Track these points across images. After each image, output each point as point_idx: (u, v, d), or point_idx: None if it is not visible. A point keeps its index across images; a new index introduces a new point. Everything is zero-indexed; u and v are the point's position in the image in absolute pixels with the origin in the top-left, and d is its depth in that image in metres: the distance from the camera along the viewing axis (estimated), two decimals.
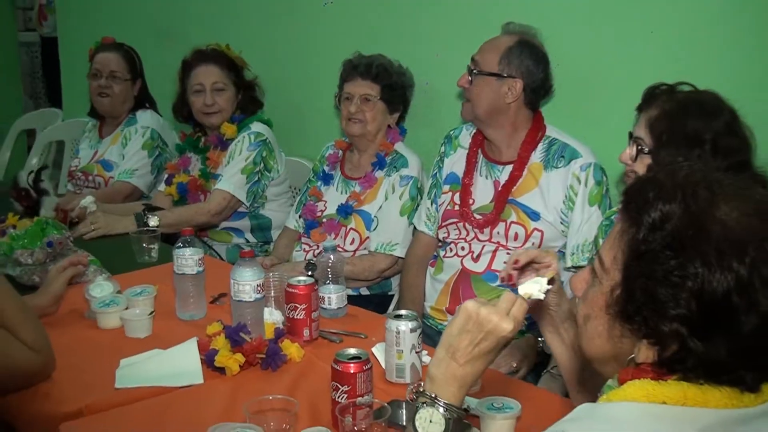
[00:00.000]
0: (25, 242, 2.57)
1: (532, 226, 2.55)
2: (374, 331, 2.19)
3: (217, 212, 3.28)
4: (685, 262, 1.09)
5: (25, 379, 1.90)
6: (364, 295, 2.97)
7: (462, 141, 2.79)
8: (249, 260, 2.14)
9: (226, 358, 1.97)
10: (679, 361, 1.12)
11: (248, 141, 3.31)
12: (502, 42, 2.61)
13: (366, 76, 3.00)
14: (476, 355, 1.31)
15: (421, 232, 2.84)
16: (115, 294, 2.32)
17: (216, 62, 3.36)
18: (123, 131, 3.76)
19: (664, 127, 1.96)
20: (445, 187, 2.78)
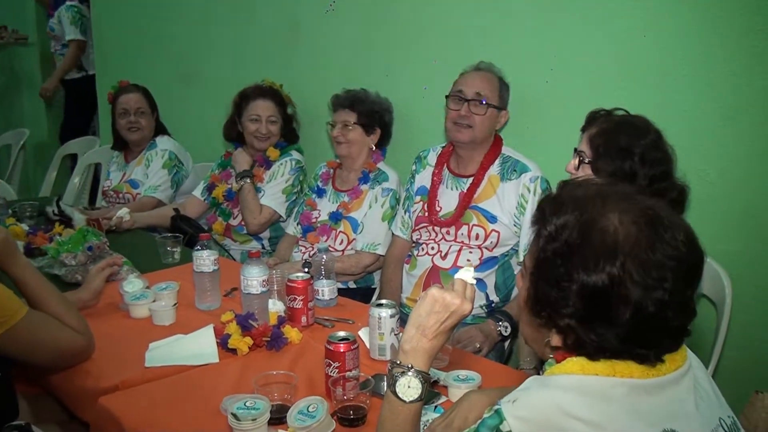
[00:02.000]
0: (69, 247, 2.55)
1: (490, 228, 2.56)
2: (360, 317, 2.20)
3: (262, 224, 3.30)
4: (570, 268, 1.12)
5: (72, 358, 1.90)
6: (352, 288, 2.97)
7: (430, 160, 2.80)
8: (256, 260, 2.14)
9: (238, 341, 1.97)
10: (580, 347, 1.15)
11: (290, 166, 3.33)
12: (491, 78, 2.63)
13: (345, 105, 3.03)
14: (441, 331, 1.34)
15: (397, 237, 2.85)
16: (145, 289, 2.31)
17: (272, 98, 3.38)
18: (146, 155, 3.76)
19: (601, 141, 2.00)
20: (416, 198, 2.78)
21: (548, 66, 2.74)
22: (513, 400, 1.15)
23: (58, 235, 2.83)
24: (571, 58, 2.70)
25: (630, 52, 2.54)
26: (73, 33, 5.49)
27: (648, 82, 2.50)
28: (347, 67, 3.45)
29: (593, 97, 2.51)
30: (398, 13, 3.24)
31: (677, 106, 2.43)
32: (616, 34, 2.57)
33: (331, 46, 3.54)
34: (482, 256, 2.59)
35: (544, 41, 2.77)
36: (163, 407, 1.71)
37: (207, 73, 4.24)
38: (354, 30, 3.42)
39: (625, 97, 2.39)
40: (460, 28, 3.03)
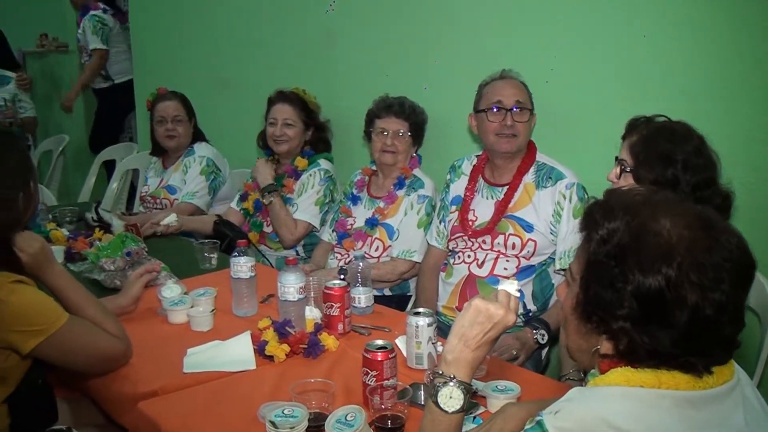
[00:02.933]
0: (109, 252, 2.58)
1: (527, 237, 2.53)
2: (396, 325, 2.19)
3: (299, 237, 3.29)
4: (625, 269, 1.11)
5: (111, 363, 1.92)
6: (387, 296, 2.96)
7: (464, 169, 2.79)
8: (293, 267, 2.14)
9: (275, 348, 1.97)
10: (631, 352, 1.13)
11: (319, 177, 3.32)
12: (521, 85, 2.63)
13: (399, 114, 3.01)
14: (484, 342, 1.33)
15: (433, 246, 2.84)
16: (183, 295, 2.32)
17: (291, 102, 3.38)
18: (183, 161, 3.78)
19: (642, 149, 1.97)
20: (452, 207, 2.77)
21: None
22: (555, 411, 1.13)
23: (97, 240, 2.87)
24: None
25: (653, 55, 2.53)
26: (95, 42, 5.52)
27: (686, 91, 2.46)
28: (382, 75, 3.44)
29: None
30: (428, 18, 3.25)
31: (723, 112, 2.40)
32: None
33: (366, 54, 3.54)
34: (519, 265, 2.56)
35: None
36: (201, 413, 1.72)
37: (243, 79, 4.27)
38: (389, 36, 3.42)
39: (658, 103, 2.36)
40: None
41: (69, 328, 1.77)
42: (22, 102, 5.24)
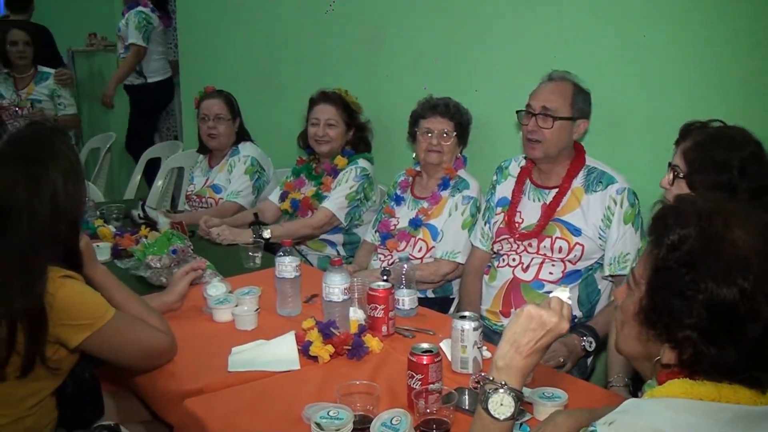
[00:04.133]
0: (155, 249, 2.60)
1: (574, 241, 2.50)
2: (441, 328, 2.17)
3: (318, 226, 3.31)
4: (697, 278, 1.08)
5: (157, 358, 1.94)
6: (430, 298, 2.94)
7: (511, 171, 2.76)
8: (338, 267, 2.14)
9: (319, 348, 1.97)
10: (695, 363, 1.10)
11: (355, 173, 3.34)
12: (564, 88, 2.55)
13: (444, 114, 2.99)
14: (536, 349, 1.31)
15: (477, 248, 2.82)
16: (228, 293, 2.33)
17: (333, 102, 3.40)
18: (228, 160, 3.80)
19: (696, 155, 1.92)
20: (497, 209, 2.74)
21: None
22: (610, 423, 1.10)
23: (143, 237, 2.90)
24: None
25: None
26: (134, 37, 5.53)
27: (739, 92, 2.41)
28: (429, 75, 3.43)
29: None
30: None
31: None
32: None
33: (412, 55, 3.53)
34: (565, 269, 2.53)
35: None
36: (246, 412, 1.73)
37: (288, 79, 4.29)
38: (436, 35, 3.40)
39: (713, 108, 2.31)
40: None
41: (116, 322, 1.79)
42: (62, 98, 5.13)
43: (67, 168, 1.75)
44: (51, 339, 1.73)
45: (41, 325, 1.70)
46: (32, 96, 4.98)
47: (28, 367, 1.73)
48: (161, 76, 5.71)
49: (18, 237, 1.69)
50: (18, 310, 1.67)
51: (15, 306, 1.67)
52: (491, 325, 2.61)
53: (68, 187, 1.75)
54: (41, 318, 1.69)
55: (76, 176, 1.77)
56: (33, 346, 1.70)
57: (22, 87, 5.01)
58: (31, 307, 1.68)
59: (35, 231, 1.70)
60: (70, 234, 1.79)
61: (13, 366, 1.71)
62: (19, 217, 1.69)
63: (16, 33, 4.98)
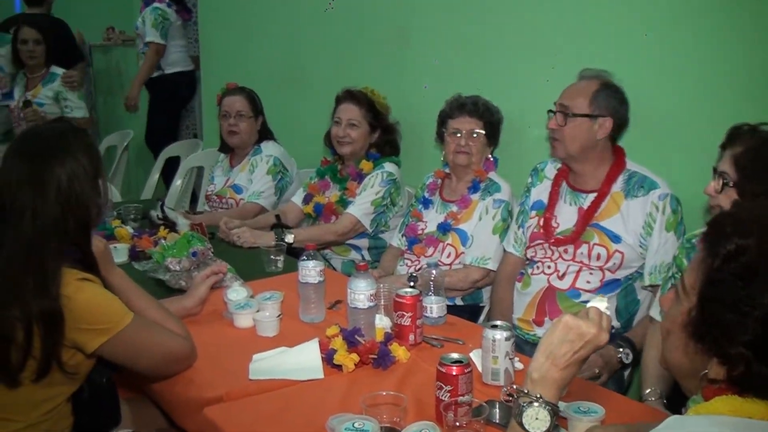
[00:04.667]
0: (174, 252, 2.63)
1: (613, 248, 2.48)
2: (470, 337, 2.17)
3: (343, 233, 3.33)
4: (754, 292, 1.06)
5: (176, 363, 1.96)
6: (459, 305, 2.94)
7: (547, 173, 2.75)
8: (364, 273, 2.14)
9: (344, 357, 1.98)
10: (746, 380, 1.08)
11: (381, 178, 3.35)
12: (587, 86, 2.55)
13: (473, 113, 2.99)
14: (574, 362, 1.31)
15: (509, 253, 2.81)
16: (249, 298, 2.34)
17: (357, 102, 3.41)
18: (250, 160, 3.83)
19: (748, 161, 1.89)
20: (532, 212, 2.74)
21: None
22: None
23: (162, 239, 2.93)
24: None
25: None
26: (152, 35, 5.55)
27: None
28: (460, 72, 3.43)
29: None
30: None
31: None
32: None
33: (442, 52, 3.53)
34: (603, 278, 2.51)
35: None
36: (267, 422, 1.74)
37: (314, 76, 4.31)
38: (466, 32, 3.41)
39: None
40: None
41: (135, 327, 1.82)
42: (68, 101, 5.00)
43: (74, 167, 1.78)
44: (68, 343, 1.76)
45: (58, 328, 1.73)
46: (37, 98, 4.93)
47: (43, 372, 1.75)
48: (180, 68, 5.71)
49: (24, 236, 1.74)
50: (34, 311, 1.70)
51: (31, 307, 1.70)
52: (523, 335, 2.61)
53: (74, 186, 1.78)
54: (58, 321, 1.72)
55: (85, 176, 1.80)
56: (49, 350, 1.73)
57: (31, 88, 5.00)
58: (48, 309, 1.71)
59: (40, 230, 1.74)
60: (79, 234, 1.81)
61: (28, 370, 1.74)
62: (23, 216, 1.74)
63: (26, 31, 4.96)
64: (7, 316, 1.70)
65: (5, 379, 1.74)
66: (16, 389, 1.76)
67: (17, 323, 1.70)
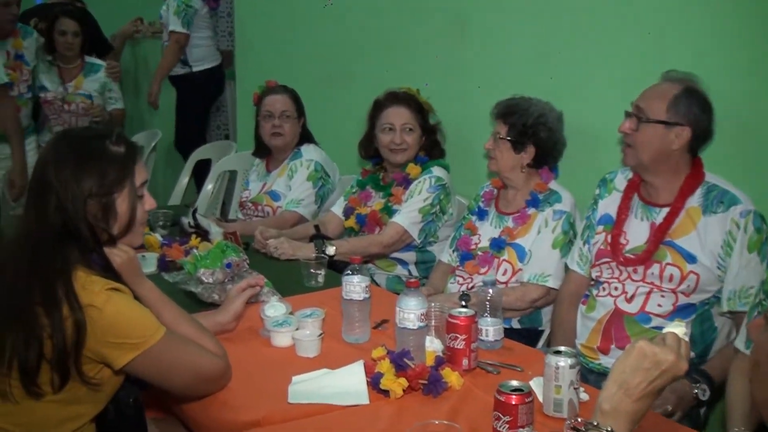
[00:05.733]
0: (208, 263, 2.67)
1: (687, 269, 2.46)
2: (530, 364, 2.17)
3: (389, 244, 3.34)
4: None
5: (209, 383, 1.99)
6: (515, 329, 2.93)
7: (617, 184, 2.74)
8: (414, 290, 2.15)
9: (391, 382, 1.99)
10: None
11: (429, 183, 3.36)
12: (667, 89, 2.52)
13: (499, 116, 3.03)
14: (648, 393, 1.31)
15: (573, 271, 2.81)
16: (288, 315, 2.37)
17: (407, 105, 3.43)
18: (289, 164, 3.86)
19: None
20: (598, 227, 2.73)
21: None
22: None
23: (194, 248, 2.97)
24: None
25: None
26: (174, 24, 5.60)
27: None
28: (521, 70, 3.44)
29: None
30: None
31: None
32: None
33: (503, 46, 3.54)
34: (676, 301, 2.49)
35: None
36: None
37: (357, 75, 4.34)
38: (531, 29, 3.42)
39: None
40: None
41: (167, 343, 1.86)
42: (112, 92, 5.28)
43: (66, 173, 1.86)
44: (94, 357, 1.81)
45: (79, 336, 1.76)
46: (81, 90, 5.11)
47: (62, 378, 1.79)
48: (209, 64, 5.78)
49: (29, 240, 1.85)
50: (55, 318, 1.75)
51: (49, 312, 1.76)
52: (587, 363, 2.60)
53: (69, 189, 1.85)
54: (80, 329, 1.76)
55: (74, 177, 1.86)
56: (65, 357, 1.77)
57: (69, 79, 5.13)
58: (68, 317, 1.76)
59: (44, 236, 1.84)
60: (95, 244, 1.89)
61: (45, 377, 1.78)
62: (29, 221, 1.88)
63: (66, 22, 5.12)
64: (26, 318, 1.77)
65: (26, 385, 1.78)
66: (38, 401, 1.80)
67: (34, 325, 1.76)
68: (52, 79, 5.14)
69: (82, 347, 1.78)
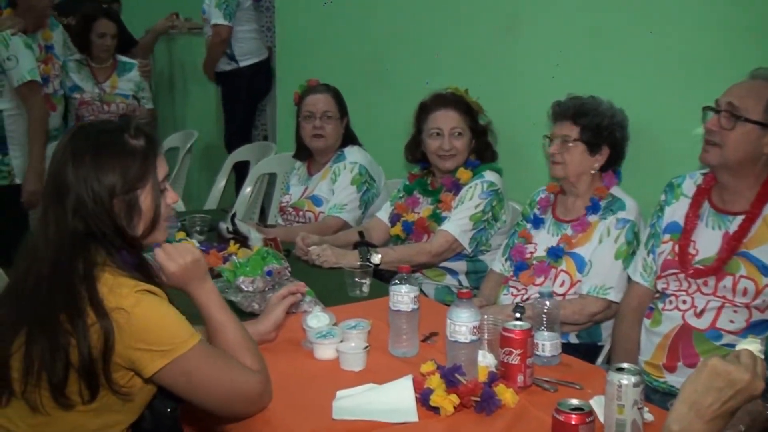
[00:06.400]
0: (248, 270, 2.70)
1: (764, 282, 2.42)
2: (589, 381, 2.16)
3: (437, 253, 3.34)
4: None
5: (244, 404, 1.97)
6: (573, 344, 2.92)
7: (685, 189, 2.70)
8: (466, 301, 2.15)
9: (441, 398, 1.98)
10: None
11: (480, 189, 3.35)
12: (762, 88, 2.47)
13: (567, 116, 3.00)
14: (721, 414, 1.30)
15: (636, 283, 2.78)
16: (331, 326, 2.38)
17: (455, 107, 3.42)
18: (332, 167, 3.89)
19: None
20: (665, 236, 2.70)
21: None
22: None
23: (233, 255, 3.00)
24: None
25: None
26: (216, 17, 5.61)
27: None
28: (575, 68, 3.42)
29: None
30: None
31: None
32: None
33: (555, 42, 3.54)
34: (750, 317, 2.46)
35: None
36: None
37: (403, 73, 4.35)
38: (586, 22, 3.40)
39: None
40: None
41: (199, 352, 1.85)
42: (144, 91, 5.38)
43: (85, 170, 1.86)
44: (124, 364, 1.82)
45: (107, 342, 1.78)
46: (118, 90, 5.20)
47: (92, 389, 1.81)
48: (256, 58, 5.81)
49: (50, 241, 1.86)
50: (79, 323, 1.77)
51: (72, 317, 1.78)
52: (651, 382, 2.57)
53: (90, 188, 1.85)
54: (108, 336, 1.78)
55: (95, 175, 1.86)
56: (91, 365, 1.79)
57: (103, 79, 5.22)
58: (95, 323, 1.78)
59: (62, 236, 1.85)
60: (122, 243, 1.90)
61: (73, 387, 1.80)
62: (47, 225, 1.88)
63: (106, 25, 5.23)
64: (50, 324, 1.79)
65: (56, 396, 1.81)
66: (69, 412, 1.83)
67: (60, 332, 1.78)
68: (85, 79, 5.21)
69: (110, 355, 1.79)
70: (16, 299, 1.88)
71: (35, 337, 1.80)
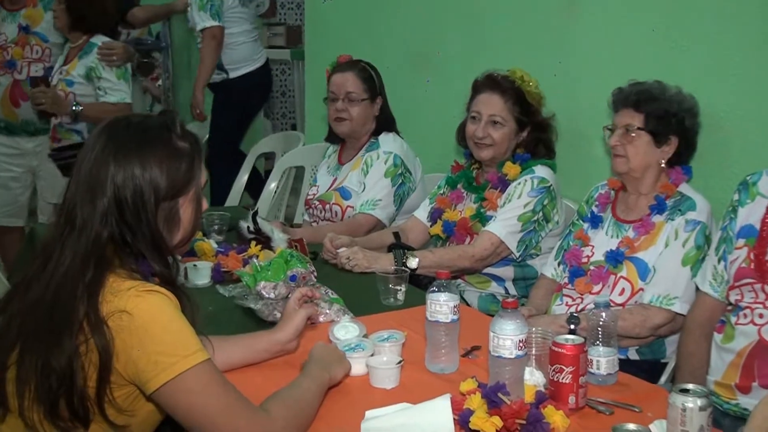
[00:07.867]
0: (269, 275, 2.70)
1: None
2: (650, 403, 2.15)
3: (481, 258, 3.32)
4: None
5: None
6: (632, 360, 2.91)
7: (762, 188, 2.67)
8: (512, 312, 2.13)
9: (483, 421, 1.97)
10: None
11: (530, 186, 3.34)
12: None
13: (629, 104, 2.98)
14: None
15: (704, 294, 2.75)
16: (361, 338, 2.39)
17: (502, 93, 3.38)
18: (364, 157, 3.88)
19: None
20: (738, 241, 2.66)
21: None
22: None
23: (254, 257, 3.01)
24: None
25: None
26: (202, 20, 5.51)
27: None
28: (642, 54, 3.40)
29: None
30: None
31: None
32: None
33: (618, 25, 3.52)
34: None
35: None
36: None
37: (449, 55, 4.35)
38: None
39: None
40: None
41: (205, 373, 1.82)
42: (102, 81, 4.76)
43: (129, 170, 1.85)
44: (127, 376, 1.82)
45: (103, 364, 1.79)
46: (69, 76, 4.79)
47: (83, 417, 1.82)
48: (250, 66, 5.75)
49: (76, 246, 1.85)
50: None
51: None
52: (721, 404, 2.56)
53: (133, 188, 1.85)
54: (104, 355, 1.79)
55: (142, 177, 1.85)
56: (95, 388, 1.80)
57: (69, 61, 4.85)
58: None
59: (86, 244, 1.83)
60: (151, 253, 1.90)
61: (64, 412, 1.80)
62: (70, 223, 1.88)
63: None
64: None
65: (51, 418, 1.81)
66: None
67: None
68: (60, 63, 4.95)
69: (107, 373, 1.79)
70: (16, 308, 1.89)
71: (27, 353, 1.81)
